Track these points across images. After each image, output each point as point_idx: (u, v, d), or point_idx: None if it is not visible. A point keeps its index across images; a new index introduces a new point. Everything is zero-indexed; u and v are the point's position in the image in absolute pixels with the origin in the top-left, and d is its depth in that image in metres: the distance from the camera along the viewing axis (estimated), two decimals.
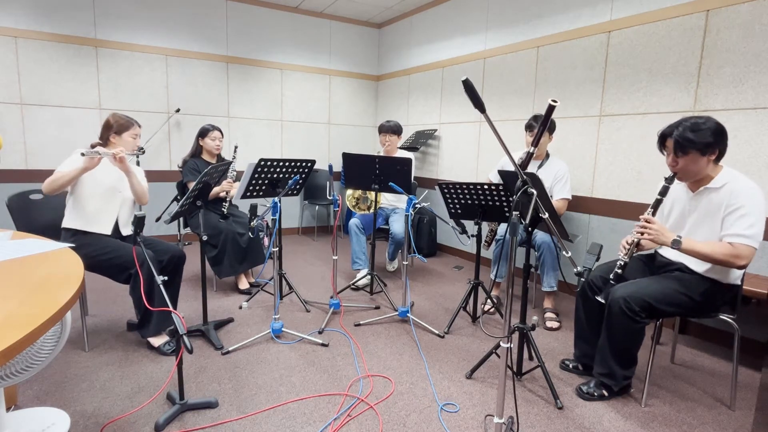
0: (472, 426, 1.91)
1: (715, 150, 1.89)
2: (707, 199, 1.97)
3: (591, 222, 3.48)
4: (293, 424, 1.88)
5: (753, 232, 1.82)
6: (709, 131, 1.86)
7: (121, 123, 2.56)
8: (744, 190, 1.87)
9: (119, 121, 2.56)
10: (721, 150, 1.91)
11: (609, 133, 3.34)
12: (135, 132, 2.60)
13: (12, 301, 1.15)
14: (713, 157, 1.91)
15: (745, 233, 1.83)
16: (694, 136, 1.86)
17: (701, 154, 1.88)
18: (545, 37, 3.75)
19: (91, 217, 2.44)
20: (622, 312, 1.98)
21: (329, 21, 5.73)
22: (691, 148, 1.88)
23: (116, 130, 2.54)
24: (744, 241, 1.83)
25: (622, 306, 1.98)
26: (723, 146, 1.91)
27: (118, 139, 2.54)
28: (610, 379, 2.11)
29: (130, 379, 2.19)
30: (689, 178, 2.00)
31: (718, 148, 1.90)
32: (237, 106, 5.29)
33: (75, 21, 4.38)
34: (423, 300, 3.47)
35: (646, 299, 1.97)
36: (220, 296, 3.38)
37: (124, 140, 2.55)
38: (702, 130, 1.86)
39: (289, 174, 2.81)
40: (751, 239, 1.82)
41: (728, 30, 2.68)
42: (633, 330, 2.00)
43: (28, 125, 4.30)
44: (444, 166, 5.04)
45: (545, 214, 1.74)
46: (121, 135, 2.55)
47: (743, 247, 1.83)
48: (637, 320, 1.98)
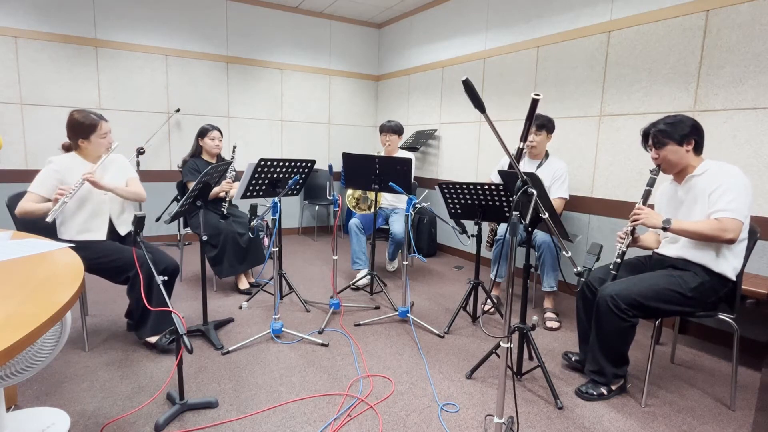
0: (472, 426, 1.91)
1: (691, 140, 2.02)
2: (693, 186, 2.06)
3: (591, 222, 3.48)
4: (293, 424, 1.88)
5: (735, 205, 1.90)
6: (683, 123, 2.03)
7: (86, 125, 2.37)
8: (723, 170, 1.98)
9: (83, 123, 2.36)
10: (697, 141, 2.04)
11: (609, 133, 3.34)
12: (103, 131, 2.41)
13: (12, 301, 1.15)
14: (690, 146, 2.03)
15: (728, 207, 1.91)
16: (670, 129, 2.03)
17: (678, 144, 2.03)
18: (545, 37, 3.75)
19: (83, 227, 2.40)
20: (609, 310, 2.00)
21: (329, 21, 5.73)
22: (668, 138, 2.03)
23: (83, 135, 2.38)
24: (728, 215, 1.90)
25: (609, 304, 2.00)
26: (699, 137, 2.04)
27: (88, 143, 2.40)
28: (601, 377, 2.11)
29: (130, 379, 2.19)
30: (672, 168, 2.10)
31: (694, 138, 2.02)
32: (237, 106, 5.29)
33: (75, 21, 4.38)
34: (423, 300, 3.47)
35: (634, 297, 1.98)
36: (220, 296, 3.38)
37: (94, 143, 2.40)
38: (676, 122, 2.03)
39: (289, 174, 2.81)
40: (735, 212, 1.90)
41: (728, 30, 2.68)
42: (621, 328, 2.02)
43: (28, 125, 4.30)
44: (444, 166, 5.04)
45: (545, 214, 1.74)
46: (89, 139, 2.39)
47: (728, 220, 1.90)
48: (625, 318, 1.99)
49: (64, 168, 2.38)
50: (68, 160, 2.43)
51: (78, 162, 2.45)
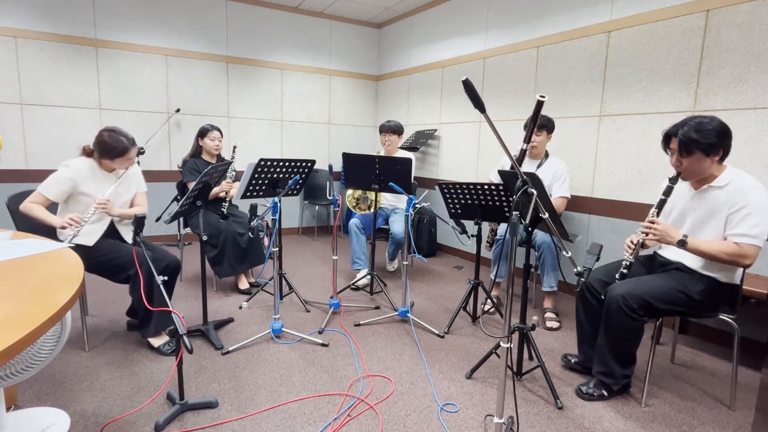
0: (472, 426, 1.91)
1: (719, 150, 1.89)
2: (711, 197, 1.96)
3: (591, 222, 3.48)
4: (293, 424, 1.88)
5: (758, 231, 1.83)
6: (714, 131, 1.85)
7: (116, 150, 2.36)
8: (749, 189, 1.86)
9: (114, 147, 2.35)
10: (725, 150, 1.91)
11: (609, 133, 3.34)
12: (130, 157, 2.43)
13: (12, 301, 1.15)
14: (717, 157, 1.91)
15: (750, 233, 1.83)
16: (699, 137, 1.86)
17: (705, 154, 1.88)
18: (545, 37, 3.75)
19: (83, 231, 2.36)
20: (620, 310, 1.98)
21: (329, 21, 5.73)
22: (696, 148, 1.87)
23: (109, 157, 2.39)
24: (749, 241, 1.83)
25: (621, 304, 1.98)
26: (727, 146, 1.91)
27: (110, 163, 2.42)
28: (609, 378, 2.11)
29: (130, 379, 2.19)
30: (693, 177, 2.00)
31: (722, 148, 1.89)
32: (237, 106, 5.29)
33: (75, 21, 4.38)
34: (423, 300, 3.47)
35: (644, 297, 1.97)
36: (220, 296, 3.38)
37: (117, 164, 2.43)
38: (707, 130, 1.85)
39: (289, 174, 2.81)
40: (756, 239, 1.83)
41: (728, 30, 2.68)
42: (631, 328, 2.01)
43: (28, 125, 4.29)
44: (444, 166, 5.04)
45: (545, 214, 1.74)
46: (114, 160, 2.41)
47: (748, 247, 1.83)
48: (635, 318, 1.98)
49: (78, 176, 2.37)
50: (85, 169, 2.41)
51: (95, 171, 2.45)
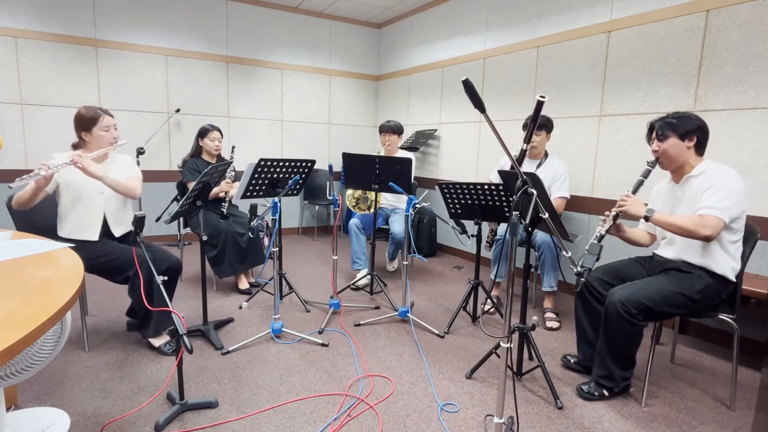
0: (472, 426, 1.91)
1: (693, 137, 2.01)
2: (690, 187, 2.05)
3: (591, 222, 3.48)
4: (293, 424, 1.88)
5: (723, 205, 1.89)
6: (689, 119, 2.01)
7: (87, 117, 2.33)
8: (722, 172, 1.96)
9: (85, 115, 2.34)
10: (700, 139, 2.02)
11: (609, 133, 3.34)
12: (105, 124, 2.37)
13: (12, 301, 1.14)
14: (692, 143, 2.01)
15: (714, 205, 1.90)
16: (674, 121, 2.02)
17: (680, 138, 2.01)
18: (545, 37, 3.75)
19: (77, 224, 2.37)
20: (619, 315, 1.99)
21: (329, 21, 5.73)
22: (672, 131, 2.02)
23: (84, 128, 2.35)
24: (712, 212, 1.89)
25: (620, 309, 1.99)
26: (703, 135, 2.03)
27: (90, 136, 2.36)
28: (610, 381, 2.11)
29: (130, 379, 2.19)
30: (671, 163, 2.09)
31: (697, 135, 2.01)
32: (237, 106, 5.29)
33: (75, 21, 4.38)
34: (423, 300, 3.47)
35: (643, 302, 1.97)
36: (220, 296, 3.38)
37: (96, 136, 2.36)
38: (683, 117, 2.02)
39: (289, 174, 2.81)
40: (720, 211, 1.89)
41: (728, 30, 2.68)
42: (631, 332, 2.02)
43: (28, 125, 4.29)
44: (444, 166, 5.04)
45: (545, 214, 1.74)
46: (91, 131, 2.35)
47: (710, 218, 1.89)
48: (635, 323, 1.98)
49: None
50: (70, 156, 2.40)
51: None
